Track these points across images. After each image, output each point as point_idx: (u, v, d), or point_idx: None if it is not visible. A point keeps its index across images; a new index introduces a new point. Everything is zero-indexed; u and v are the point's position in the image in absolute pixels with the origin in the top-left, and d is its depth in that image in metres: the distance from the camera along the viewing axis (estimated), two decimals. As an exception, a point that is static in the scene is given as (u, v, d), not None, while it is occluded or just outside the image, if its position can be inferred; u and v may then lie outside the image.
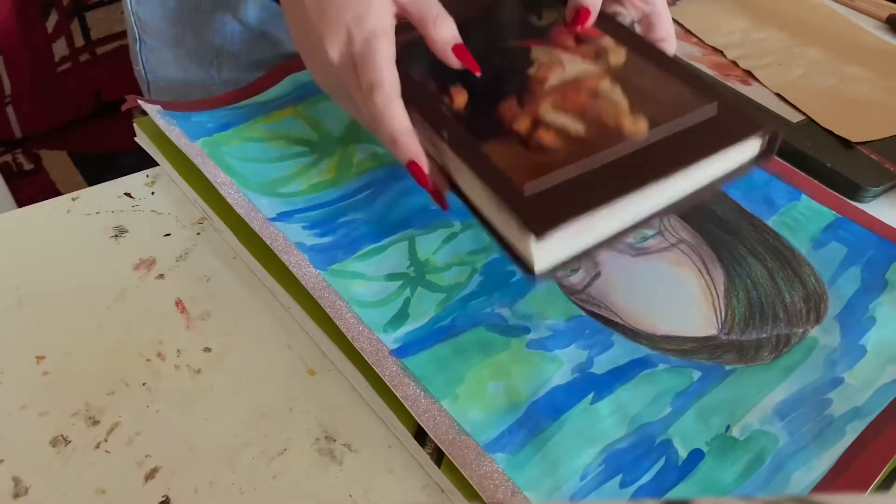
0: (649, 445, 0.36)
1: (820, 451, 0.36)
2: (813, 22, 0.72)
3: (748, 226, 0.48)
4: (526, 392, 0.38)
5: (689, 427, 0.37)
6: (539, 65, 0.43)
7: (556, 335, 0.41)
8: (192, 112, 0.52)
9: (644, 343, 0.41)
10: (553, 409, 0.37)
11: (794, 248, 0.47)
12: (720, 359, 0.40)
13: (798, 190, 0.50)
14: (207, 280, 0.43)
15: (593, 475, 0.35)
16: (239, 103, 0.54)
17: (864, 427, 0.37)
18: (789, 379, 0.39)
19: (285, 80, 0.56)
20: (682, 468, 0.35)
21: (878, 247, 0.47)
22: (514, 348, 0.40)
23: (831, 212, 0.49)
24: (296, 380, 0.39)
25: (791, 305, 0.43)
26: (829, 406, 0.38)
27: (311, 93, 0.55)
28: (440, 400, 0.37)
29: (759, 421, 0.37)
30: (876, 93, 0.63)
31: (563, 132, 0.39)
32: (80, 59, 0.88)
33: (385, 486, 0.35)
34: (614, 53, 0.44)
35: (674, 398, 0.38)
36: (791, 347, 0.41)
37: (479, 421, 0.36)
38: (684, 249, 0.46)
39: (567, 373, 0.39)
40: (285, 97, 0.55)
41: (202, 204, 0.47)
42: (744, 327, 0.42)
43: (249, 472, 0.35)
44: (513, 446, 0.35)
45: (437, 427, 0.35)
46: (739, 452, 0.36)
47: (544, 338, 0.40)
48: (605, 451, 0.36)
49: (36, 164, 1.15)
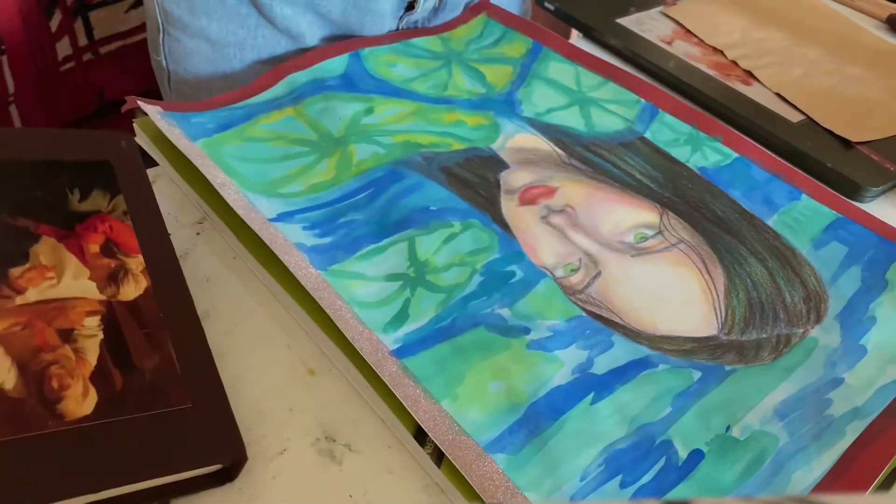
0: (649, 446, 0.36)
1: (820, 452, 0.36)
2: (813, 22, 0.72)
3: (748, 226, 0.48)
4: (526, 392, 0.38)
5: (690, 427, 0.37)
6: (33, 265, 0.36)
7: (556, 335, 0.41)
8: (192, 113, 0.52)
9: (644, 343, 0.41)
10: (553, 410, 0.37)
11: (794, 248, 0.47)
12: (720, 359, 0.40)
13: (798, 190, 0.50)
14: (207, 280, 0.44)
15: (593, 475, 0.35)
16: (239, 103, 0.54)
17: (864, 427, 0.37)
18: (789, 379, 0.39)
19: (285, 81, 0.56)
20: (683, 468, 0.35)
21: (878, 247, 0.47)
22: (515, 349, 0.40)
23: (832, 211, 0.49)
24: (296, 380, 0.39)
25: (791, 305, 0.43)
26: (829, 406, 0.38)
27: (311, 93, 0.55)
28: (440, 400, 0.37)
29: (759, 421, 0.37)
30: (876, 92, 0.63)
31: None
32: (84, 58, 0.88)
33: (385, 486, 0.35)
34: (133, 282, 0.37)
35: (674, 398, 0.38)
36: (791, 348, 0.41)
37: (480, 421, 0.36)
38: (684, 249, 0.46)
39: (567, 373, 0.39)
40: (285, 97, 0.55)
41: (202, 204, 0.47)
42: (744, 327, 0.42)
43: (249, 472, 0.35)
44: (513, 447, 0.35)
45: (438, 428, 0.35)
46: (740, 453, 0.36)
47: (544, 338, 0.40)
48: (605, 452, 0.36)
49: (39, 164, 1.15)
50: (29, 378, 0.31)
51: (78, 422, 0.31)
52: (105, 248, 0.37)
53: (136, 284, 0.37)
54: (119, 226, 0.39)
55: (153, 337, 0.35)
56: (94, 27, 0.89)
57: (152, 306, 0.36)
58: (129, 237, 0.38)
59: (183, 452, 0.32)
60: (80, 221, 0.38)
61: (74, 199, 0.39)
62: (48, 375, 0.32)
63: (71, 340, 0.33)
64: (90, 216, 0.39)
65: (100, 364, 0.33)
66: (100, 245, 0.37)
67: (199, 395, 0.34)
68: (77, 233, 0.38)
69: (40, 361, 0.32)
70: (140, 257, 0.38)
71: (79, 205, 0.39)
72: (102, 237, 0.38)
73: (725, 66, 0.66)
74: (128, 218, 0.40)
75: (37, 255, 0.36)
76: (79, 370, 0.32)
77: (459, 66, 0.61)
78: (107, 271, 0.37)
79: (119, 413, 0.32)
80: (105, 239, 0.38)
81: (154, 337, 0.35)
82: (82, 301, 0.35)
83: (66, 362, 0.32)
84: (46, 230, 0.37)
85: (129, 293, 0.36)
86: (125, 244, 0.38)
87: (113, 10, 0.91)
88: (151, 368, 0.34)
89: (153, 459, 0.31)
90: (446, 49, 0.62)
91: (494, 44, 0.64)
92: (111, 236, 0.38)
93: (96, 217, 0.39)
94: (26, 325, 0.33)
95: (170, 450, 0.32)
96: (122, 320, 0.35)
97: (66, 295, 0.35)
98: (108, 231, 0.38)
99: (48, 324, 0.33)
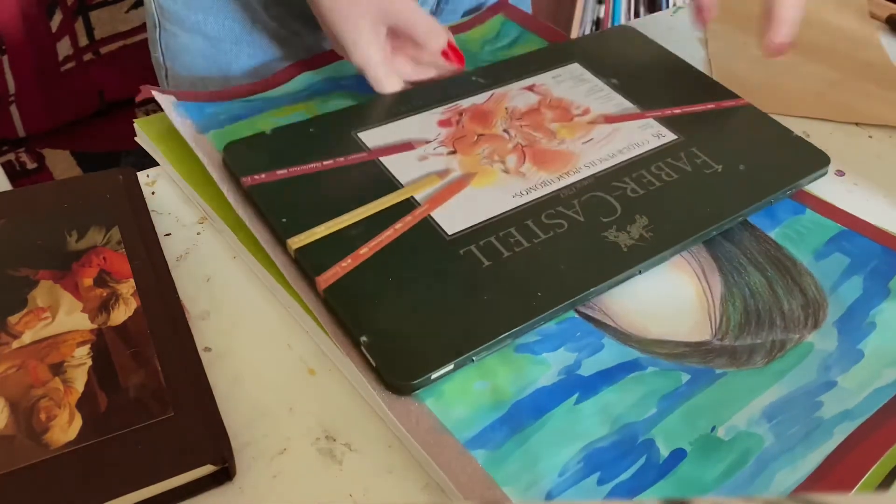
0: (631, 444, 0.36)
1: (806, 452, 0.36)
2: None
3: (749, 236, 0.48)
4: (511, 392, 0.38)
5: (674, 427, 0.37)
6: (30, 310, 0.37)
7: (545, 338, 0.41)
8: (207, 102, 0.52)
9: (634, 346, 0.41)
10: (536, 409, 0.37)
11: (795, 259, 0.46)
12: (712, 363, 0.40)
13: (803, 205, 0.50)
14: (207, 280, 0.44)
15: (571, 472, 0.35)
16: (253, 96, 0.54)
17: (853, 429, 0.37)
18: (780, 382, 0.39)
19: (300, 77, 0.57)
20: (663, 467, 0.35)
21: (882, 257, 0.47)
22: (503, 351, 0.40)
23: (836, 224, 0.49)
24: (296, 380, 0.39)
25: (789, 312, 0.43)
26: (819, 409, 0.38)
27: (325, 91, 0.56)
28: (424, 399, 0.37)
29: (745, 422, 0.37)
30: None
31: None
32: (84, 58, 0.89)
33: (385, 486, 0.35)
34: (123, 305, 0.38)
35: (660, 399, 0.38)
36: (785, 352, 0.41)
37: (462, 418, 0.37)
38: (683, 255, 0.46)
39: (553, 375, 0.39)
40: (299, 93, 0.55)
41: (202, 204, 0.47)
42: (738, 333, 0.42)
43: (249, 472, 0.35)
44: (493, 443, 0.36)
45: (419, 426, 0.36)
46: (723, 453, 0.36)
47: (532, 342, 0.40)
48: (585, 450, 0.36)
49: (39, 163, 1.16)
50: (19, 415, 0.33)
51: (62, 448, 0.32)
52: (98, 279, 0.39)
53: (126, 307, 0.38)
54: (112, 255, 0.40)
55: (139, 354, 0.36)
56: (94, 27, 0.89)
57: (141, 325, 0.38)
58: (122, 264, 0.40)
59: (166, 460, 0.33)
60: (77, 259, 0.40)
61: (72, 240, 0.41)
62: (37, 409, 0.33)
63: (61, 372, 0.35)
64: (86, 252, 0.41)
65: (87, 390, 0.35)
66: (93, 278, 0.39)
67: (182, 402, 0.35)
68: (73, 270, 0.40)
69: (31, 398, 0.34)
70: (132, 280, 0.39)
71: (76, 244, 0.41)
72: (96, 270, 0.39)
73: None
74: (121, 246, 0.41)
75: (34, 298, 0.38)
76: (66, 399, 0.34)
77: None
78: (99, 301, 0.38)
79: (102, 433, 0.33)
80: (99, 271, 0.40)
81: (140, 354, 0.36)
82: (73, 334, 0.37)
83: (55, 394, 0.34)
84: (45, 274, 0.39)
85: (118, 317, 0.38)
86: (118, 272, 0.40)
87: (113, 10, 0.91)
88: (136, 385, 0.35)
89: (137, 471, 0.32)
90: (462, 50, 0.62)
91: (510, 45, 0.64)
92: (105, 267, 0.40)
93: (92, 251, 0.41)
94: (20, 367, 0.35)
95: (152, 460, 0.33)
96: (110, 344, 0.36)
97: (60, 331, 0.37)
98: (102, 263, 0.40)
99: (41, 360, 0.35)
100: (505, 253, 0.42)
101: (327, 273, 0.40)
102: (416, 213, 0.44)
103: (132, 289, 0.39)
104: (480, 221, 0.44)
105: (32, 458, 0.32)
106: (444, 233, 0.43)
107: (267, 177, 0.46)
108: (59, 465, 0.32)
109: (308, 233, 0.42)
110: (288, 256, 0.42)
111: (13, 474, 0.31)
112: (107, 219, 0.43)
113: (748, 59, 0.67)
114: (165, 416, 0.34)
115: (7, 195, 0.44)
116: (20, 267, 0.40)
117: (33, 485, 0.31)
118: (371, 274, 0.41)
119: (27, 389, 0.34)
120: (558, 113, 0.53)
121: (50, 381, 0.35)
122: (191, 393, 0.35)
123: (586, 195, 0.47)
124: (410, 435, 0.35)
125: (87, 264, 0.40)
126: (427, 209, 0.45)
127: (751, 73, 0.65)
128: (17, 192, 0.45)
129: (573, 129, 0.52)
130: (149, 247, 0.42)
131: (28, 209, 0.43)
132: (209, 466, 0.33)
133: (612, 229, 0.45)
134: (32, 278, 0.39)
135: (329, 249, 0.41)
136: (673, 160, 0.50)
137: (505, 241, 0.43)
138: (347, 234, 0.42)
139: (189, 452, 0.33)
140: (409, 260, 0.42)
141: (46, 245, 0.41)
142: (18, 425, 0.33)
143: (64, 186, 0.45)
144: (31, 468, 0.32)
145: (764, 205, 0.48)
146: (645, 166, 0.49)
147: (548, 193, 0.47)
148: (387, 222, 0.43)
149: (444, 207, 0.45)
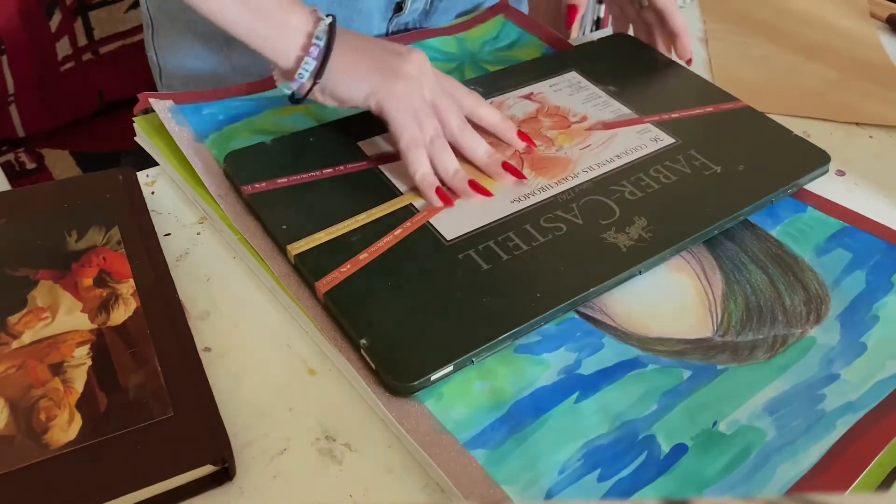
0: (631, 441, 0.36)
1: (808, 445, 0.36)
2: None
3: (751, 235, 0.48)
4: (510, 392, 0.38)
5: (675, 423, 0.37)
6: (30, 310, 0.38)
7: (545, 339, 0.41)
8: (205, 103, 0.52)
9: (635, 345, 0.41)
10: (536, 409, 0.37)
11: (796, 255, 0.47)
12: (713, 359, 0.40)
13: (804, 203, 0.50)
14: (207, 280, 0.44)
15: (571, 470, 0.35)
16: (251, 95, 0.54)
17: (855, 421, 0.37)
18: (783, 376, 0.40)
19: None
20: (664, 462, 0.36)
21: (885, 252, 0.47)
22: (502, 352, 0.40)
23: (837, 221, 0.49)
24: (296, 380, 0.39)
25: (791, 308, 0.43)
26: (821, 401, 0.38)
27: None
28: (424, 400, 0.37)
29: (747, 417, 0.38)
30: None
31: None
32: (83, 58, 0.88)
33: (385, 486, 0.35)
34: (123, 305, 0.38)
35: (661, 396, 0.38)
36: (787, 347, 0.41)
37: (462, 419, 0.36)
38: (683, 255, 0.46)
39: (553, 374, 0.39)
40: None
41: (202, 204, 0.47)
42: (740, 329, 0.42)
43: (249, 471, 0.35)
44: (493, 443, 0.36)
45: (418, 427, 0.36)
46: (724, 447, 0.36)
47: (532, 342, 0.40)
48: (585, 447, 0.36)
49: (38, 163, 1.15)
50: (19, 415, 0.33)
51: (62, 448, 0.33)
52: (98, 279, 0.39)
53: (126, 307, 0.38)
54: (112, 255, 0.41)
55: (139, 354, 0.36)
56: (93, 27, 0.89)
57: (141, 325, 0.38)
58: (122, 265, 0.40)
59: (165, 460, 0.33)
60: (77, 259, 0.41)
61: (72, 240, 0.41)
62: (37, 409, 0.34)
63: (61, 372, 0.35)
64: (86, 252, 0.41)
65: (86, 390, 0.35)
66: (93, 278, 0.39)
67: (182, 402, 0.35)
68: (73, 270, 0.40)
69: (30, 398, 0.34)
70: (131, 280, 0.40)
71: (76, 244, 0.41)
72: (96, 270, 0.40)
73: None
74: (121, 246, 0.42)
75: (34, 298, 0.38)
76: (66, 399, 0.34)
77: (472, 67, 0.61)
78: (99, 301, 0.38)
79: (102, 433, 0.33)
80: (98, 271, 0.40)
81: (140, 354, 0.36)
82: (73, 334, 0.37)
83: (55, 394, 0.34)
84: (44, 274, 0.39)
85: (118, 317, 0.38)
86: (118, 272, 0.40)
87: (113, 9, 0.91)
88: (136, 385, 0.35)
89: (136, 471, 0.32)
90: (461, 50, 0.63)
91: (509, 46, 0.64)
92: (104, 267, 0.40)
93: (92, 252, 0.41)
94: (20, 367, 0.35)
95: (152, 460, 0.33)
96: (110, 345, 0.37)
97: (59, 331, 0.37)
98: (102, 263, 0.40)
99: (40, 361, 0.35)
100: (504, 256, 0.42)
101: (327, 278, 0.40)
102: (414, 219, 0.45)
103: (132, 289, 0.39)
104: (479, 227, 0.44)
105: (32, 458, 0.32)
106: (442, 238, 0.44)
107: (267, 185, 0.46)
108: (59, 465, 0.32)
109: (308, 239, 0.42)
110: (288, 265, 0.43)
111: (13, 474, 0.31)
112: (107, 219, 0.43)
113: (748, 59, 0.67)
114: (165, 416, 0.34)
115: (7, 195, 0.44)
116: (20, 267, 0.40)
117: (33, 485, 0.31)
118: (370, 278, 0.41)
119: (27, 389, 0.34)
120: (556, 121, 0.54)
121: (50, 382, 0.35)
122: (190, 393, 0.35)
123: (584, 199, 0.47)
124: (410, 435, 0.35)
125: (86, 264, 0.40)
126: (426, 216, 0.45)
127: (751, 73, 0.65)
128: (17, 192, 0.45)
129: (571, 135, 0.52)
130: (149, 247, 0.42)
131: (28, 209, 0.43)
132: (209, 466, 0.33)
133: (611, 231, 0.45)
134: (32, 278, 0.39)
135: (329, 255, 0.42)
136: (671, 163, 0.50)
137: (504, 245, 0.43)
138: (347, 240, 0.42)
139: (189, 452, 0.33)
140: (408, 265, 0.42)
141: (46, 245, 0.41)
142: (18, 425, 0.33)
143: (64, 186, 0.45)
144: (30, 468, 0.32)
145: (764, 204, 0.48)
146: (643, 169, 0.49)
147: (546, 198, 0.47)
148: (386, 228, 0.44)
149: (443, 214, 0.45)
